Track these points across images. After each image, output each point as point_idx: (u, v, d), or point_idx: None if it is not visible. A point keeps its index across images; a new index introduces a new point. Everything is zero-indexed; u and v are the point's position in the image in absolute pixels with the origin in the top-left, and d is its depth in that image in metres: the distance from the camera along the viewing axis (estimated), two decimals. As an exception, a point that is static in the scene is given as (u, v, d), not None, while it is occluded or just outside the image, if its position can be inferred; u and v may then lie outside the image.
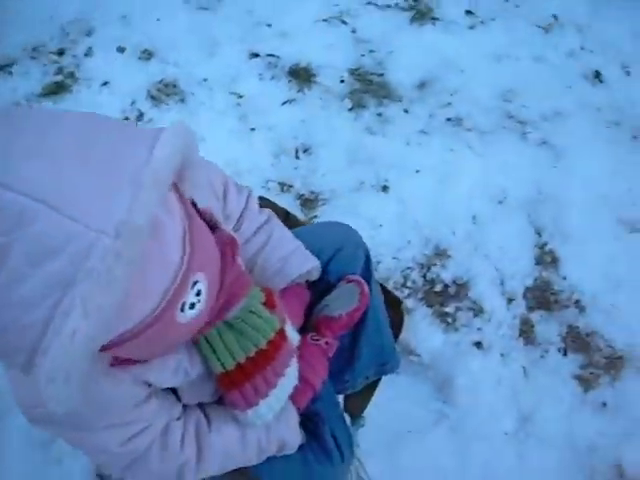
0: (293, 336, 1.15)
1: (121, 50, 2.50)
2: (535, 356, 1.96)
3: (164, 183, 0.68)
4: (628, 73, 2.56)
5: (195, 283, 0.77)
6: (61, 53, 2.50)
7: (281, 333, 1.07)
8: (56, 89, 2.37)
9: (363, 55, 2.51)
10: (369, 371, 1.49)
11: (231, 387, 1.06)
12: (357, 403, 1.65)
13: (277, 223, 1.32)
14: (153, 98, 2.38)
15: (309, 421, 1.34)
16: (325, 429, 1.32)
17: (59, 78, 2.42)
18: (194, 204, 0.89)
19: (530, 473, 1.77)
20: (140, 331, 0.74)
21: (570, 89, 2.50)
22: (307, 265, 1.28)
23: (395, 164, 2.24)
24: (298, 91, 2.41)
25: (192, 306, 0.78)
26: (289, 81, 2.44)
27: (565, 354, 1.96)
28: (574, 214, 2.18)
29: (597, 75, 2.54)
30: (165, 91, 2.39)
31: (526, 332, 1.99)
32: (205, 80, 2.43)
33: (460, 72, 2.49)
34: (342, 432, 1.38)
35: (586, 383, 1.92)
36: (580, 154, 2.33)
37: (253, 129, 2.31)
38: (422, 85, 2.45)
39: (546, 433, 1.83)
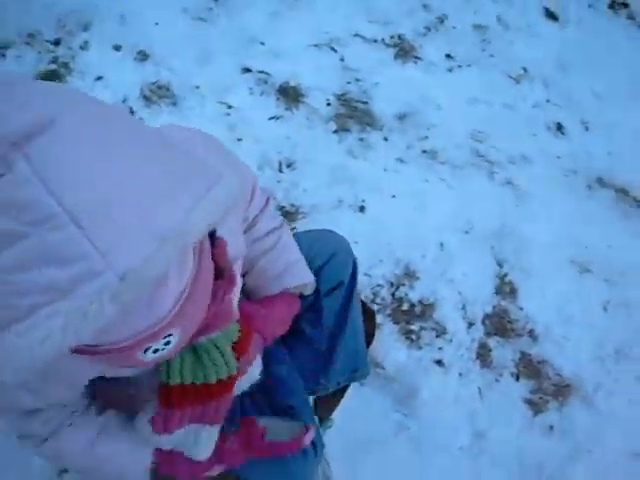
0: (253, 378, 1.14)
1: (117, 48, 2.48)
2: (490, 378, 2.02)
3: (189, 246, 0.68)
4: (587, 128, 2.71)
5: (168, 335, 0.75)
6: (57, 43, 2.46)
7: (233, 380, 1.04)
8: (50, 77, 2.34)
9: (349, 83, 2.57)
10: (342, 376, 1.51)
11: (165, 404, 1.03)
12: (327, 406, 1.67)
13: (287, 231, 1.33)
14: (146, 98, 2.37)
15: (285, 414, 1.35)
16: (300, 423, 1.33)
17: (53, 67, 2.39)
18: (213, 233, 0.88)
19: (481, 487, 1.83)
20: (99, 351, 0.73)
21: (535, 137, 2.62)
22: (306, 278, 1.30)
23: (373, 187, 2.29)
24: (286, 109, 2.45)
25: (156, 351, 0.77)
26: (277, 98, 2.48)
27: (517, 379, 2.03)
28: (532, 251, 2.28)
29: (559, 127, 2.67)
30: (158, 93, 2.39)
31: (483, 356, 2.06)
32: (197, 87, 2.44)
33: (437, 109, 2.57)
34: (315, 428, 1.40)
35: (536, 407, 1.99)
36: (540, 197, 2.44)
37: (240, 139, 2.33)
38: (402, 117, 2.52)
39: (498, 451, 1.88)
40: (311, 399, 1.53)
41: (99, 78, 2.40)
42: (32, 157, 0.59)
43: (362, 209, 2.24)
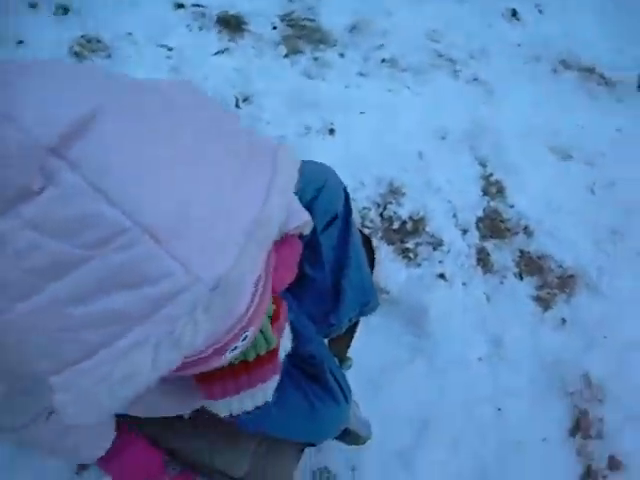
0: (286, 346, 0.96)
1: (33, 6, 2.16)
2: (494, 282, 1.88)
3: (272, 238, 0.58)
4: (541, 12, 2.51)
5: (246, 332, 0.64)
6: (-35, 11, 2.14)
7: (273, 352, 0.89)
8: (-34, 49, 2.03)
9: (292, 1, 2.31)
10: (353, 312, 1.35)
11: (202, 380, 0.88)
12: (341, 345, 1.52)
13: None
14: (77, 55, 2.07)
15: (307, 364, 1.19)
16: (324, 369, 1.18)
17: (-32, 37, 2.07)
18: None
19: (508, 392, 1.70)
20: (182, 368, 0.59)
21: (491, 27, 2.42)
22: (303, 217, 1.09)
23: (338, 107, 2.07)
24: (229, 40, 2.18)
25: (235, 348, 0.65)
26: (219, 31, 2.20)
27: (521, 278, 1.90)
28: (511, 145, 2.12)
29: (514, 14, 2.47)
30: (89, 47, 2.09)
31: (483, 260, 1.91)
32: (130, 34, 2.14)
33: (388, 14, 2.34)
34: (339, 372, 1.25)
35: (544, 303, 1.86)
36: (507, 89, 2.26)
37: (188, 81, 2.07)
38: (353, 28, 2.28)
39: (515, 354, 1.76)
40: (325, 342, 1.36)
41: (20, 42, 2.08)
42: (80, 164, 0.48)
43: (332, 132, 2.02)
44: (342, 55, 2.20)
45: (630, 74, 2.40)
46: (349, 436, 1.38)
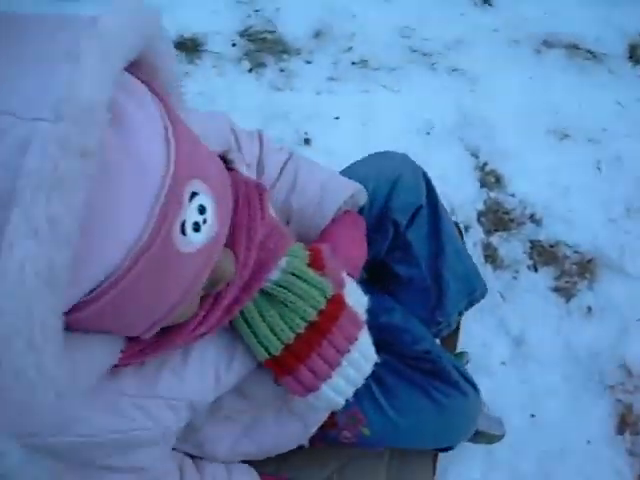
0: (359, 300, 0.86)
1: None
2: (507, 279, 1.78)
3: (116, 54, 0.48)
4: (511, -8, 2.47)
5: (193, 195, 0.54)
6: None
7: (336, 300, 0.81)
8: None
9: (249, 16, 2.27)
10: (460, 304, 1.28)
11: (282, 374, 0.80)
12: (451, 340, 1.47)
13: (300, 157, 1.09)
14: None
15: (422, 361, 1.14)
16: (444, 362, 1.14)
17: None
18: None
19: (540, 395, 1.59)
20: (127, 269, 0.51)
21: (463, 16, 2.38)
22: (349, 189, 1.05)
23: (311, 115, 2.01)
24: (189, 63, 2.14)
25: (196, 227, 0.55)
26: (176, 55, 2.15)
27: (536, 270, 1.80)
28: (503, 131, 2.05)
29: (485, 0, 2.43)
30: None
31: (491, 257, 1.81)
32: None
33: (352, 17, 2.30)
34: (459, 364, 1.22)
35: (566, 293, 1.76)
36: (491, 75, 2.20)
37: (148, 110, 2.01)
38: (317, 35, 2.23)
39: (543, 353, 1.65)
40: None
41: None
42: None
43: (307, 142, 1.95)
44: (309, 62, 2.15)
45: (617, 44, 2.35)
46: (481, 436, 1.35)
